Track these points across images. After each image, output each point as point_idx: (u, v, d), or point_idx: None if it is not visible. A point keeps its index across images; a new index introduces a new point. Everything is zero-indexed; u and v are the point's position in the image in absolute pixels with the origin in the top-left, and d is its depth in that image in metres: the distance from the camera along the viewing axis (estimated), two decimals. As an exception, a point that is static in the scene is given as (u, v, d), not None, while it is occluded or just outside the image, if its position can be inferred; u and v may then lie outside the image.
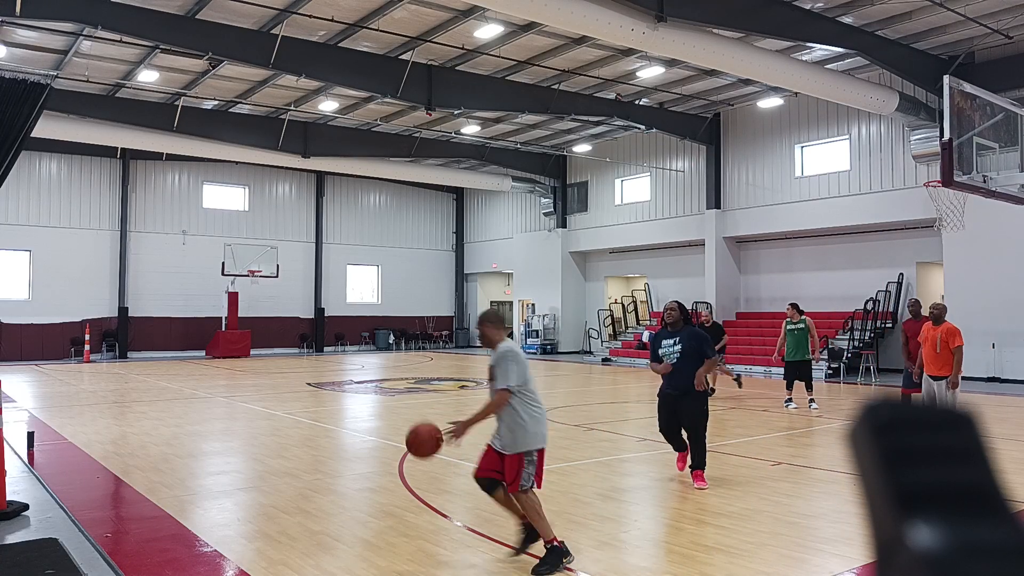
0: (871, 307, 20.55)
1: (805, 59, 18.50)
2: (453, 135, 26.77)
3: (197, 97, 22.73)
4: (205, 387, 17.56)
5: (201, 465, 8.86)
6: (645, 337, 22.96)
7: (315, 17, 16.95)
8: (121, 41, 18.12)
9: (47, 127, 19.81)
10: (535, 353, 29.45)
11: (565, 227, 30.40)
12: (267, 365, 24.49)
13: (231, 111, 24.58)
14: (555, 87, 21.57)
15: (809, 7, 16.08)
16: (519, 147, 29.02)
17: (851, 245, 22.14)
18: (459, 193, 36.01)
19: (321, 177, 32.25)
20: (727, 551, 5.43)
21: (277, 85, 21.82)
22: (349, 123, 26.03)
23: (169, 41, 16.80)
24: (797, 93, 20.24)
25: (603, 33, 14.14)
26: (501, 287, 35.98)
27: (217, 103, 23.73)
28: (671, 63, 19.55)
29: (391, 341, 33.00)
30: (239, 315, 28.54)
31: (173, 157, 28.10)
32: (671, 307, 7.48)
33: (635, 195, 28.10)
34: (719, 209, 24.54)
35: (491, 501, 5.28)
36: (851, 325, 20.65)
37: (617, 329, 29.05)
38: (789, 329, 13.14)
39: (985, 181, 10.20)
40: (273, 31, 17.40)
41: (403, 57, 19.28)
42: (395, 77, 19.10)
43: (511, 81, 21.13)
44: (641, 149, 27.58)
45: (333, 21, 17.23)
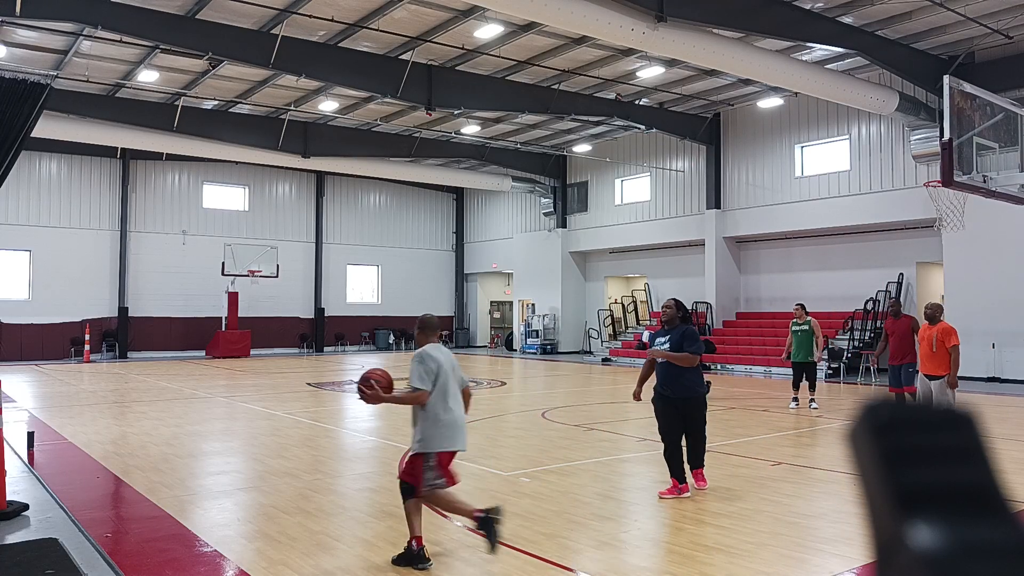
0: (871, 307, 20.55)
1: (805, 59, 18.50)
2: (453, 135, 26.77)
3: (197, 97, 22.73)
4: (205, 387, 17.56)
5: (201, 465, 8.86)
6: (645, 337, 22.94)
7: (315, 17, 16.96)
8: (121, 41, 18.13)
9: (47, 127, 19.81)
10: (535, 353, 29.47)
11: (565, 227, 30.40)
12: (267, 365, 24.49)
13: (231, 111, 24.58)
14: (555, 87, 21.57)
15: (809, 7, 16.08)
16: (519, 147, 29.02)
17: (851, 245, 22.14)
18: (459, 193, 36.02)
19: (321, 177, 32.25)
20: (727, 551, 5.43)
21: (277, 85, 21.82)
22: (349, 123, 26.03)
23: (169, 41, 16.80)
24: (797, 93, 20.24)
25: (603, 33, 14.14)
26: (501, 287, 35.98)
27: (217, 103, 23.74)
28: (671, 63, 19.55)
29: (391, 341, 33.00)
30: (239, 315, 28.55)
31: (173, 157, 28.11)
32: (667, 304, 7.34)
33: (635, 195, 28.10)
34: (719, 209, 24.54)
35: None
36: (851, 325, 20.67)
37: (617, 329, 29.06)
38: (794, 331, 13.12)
39: (985, 181, 10.20)
40: (273, 31, 17.40)
41: (403, 57, 19.28)
42: (395, 77, 19.11)
43: (511, 81, 21.13)
44: (641, 149, 27.58)
45: (333, 21, 17.23)
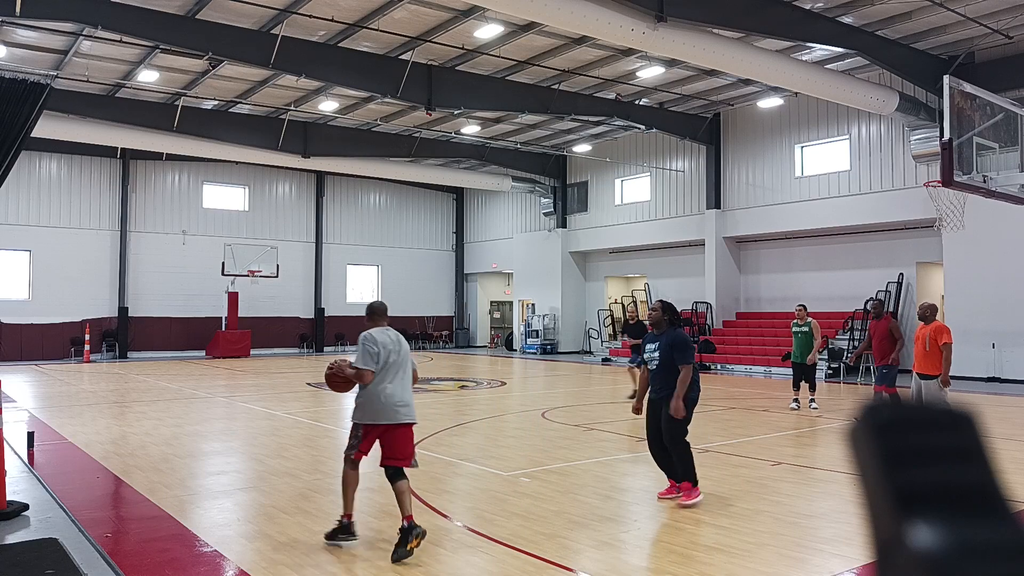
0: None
1: (805, 59, 18.51)
2: (453, 135, 26.77)
3: (197, 97, 22.73)
4: (205, 387, 17.56)
5: (201, 465, 8.87)
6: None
7: (315, 17, 16.96)
8: (121, 41, 18.13)
9: (47, 127, 19.81)
10: (535, 353, 29.47)
11: (565, 227, 30.40)
12: (267, 365, 24.49)
13: (231, 111, 24.58)
14: (555, 87, 21.57)
15: (809, 7, 16.08)
16: (519, 147, 29.02)
17: (851, 245, 22.14)
18: (459, 193, 36.01)
19: (321, 177, 32.25)
20: (727, 551, 5.43)
21: (277, 85, 21.83)
22: (349, 123, 26.03)
23: (169, 41, 16.81)
24: (797, 93, 20.24)
25: (603, 33, 14.14)
26: (501, 287, 35.98)
27: (217, 103, 23.74)
28: (671, 63, 19.55)
29: (391, 341, 32.94)
30: (239, 315, 28.55)
31: (173, 157, 28.12)
32: (653, 307, 7.00)
33: (635, 195, 28.10)
34: (719, 209, 24.54)
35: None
36: (851, 325, 20.66)
37: (617, 329, 29.05)
38: (795, 332, 13.19)
39: (985, 181, 10.20)
40: (273, 31, 17.40)
41: (403, 57, 19.28)
42: (395, 77, 19.11)
43: (511, 81, 21.13)
44: (641, 149, 27.58)
45: (333, 21, 17.23)
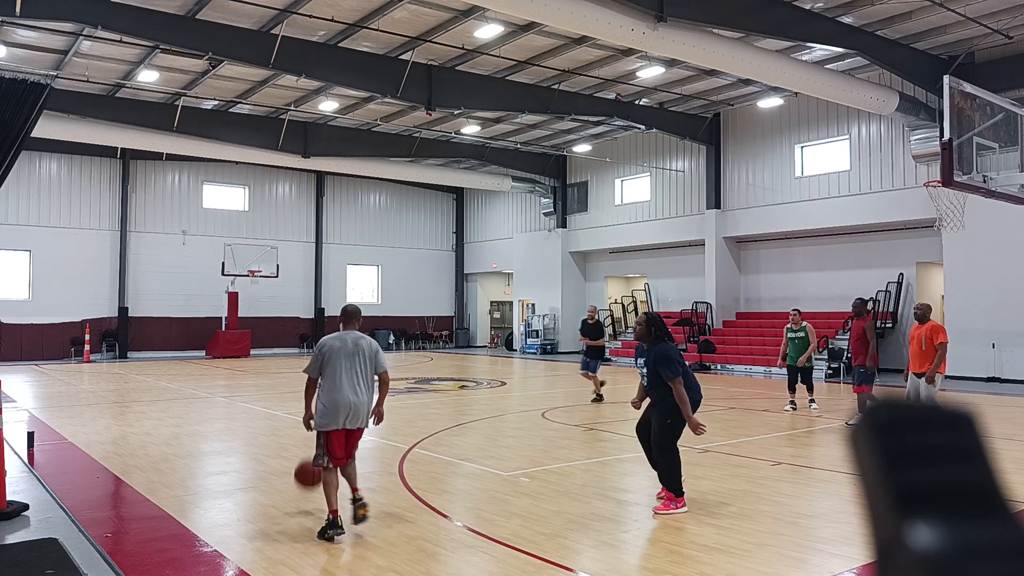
0: (871, 307, 20.52)
1: (805, 59, 18.50)
2: (453, 135, 26.77)
3: (197, 97, 22.73)
4: (205, 387, 17.56)
5: (201, 465, 8.87)
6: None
7: (315, 17, 16.96)
8: (121, 41, 18.13)
9: (47, 127, 19.81)
10: (535, 353, 29.47)
11: (565, 227, 30.40)
12: (267, 365, 24.49)
13: (231, 111, 24.58)
14: (555, 87, 21.57)
15: (809, 7, 16.08)
16: (519, 147, 29.02)
17: (851, 245, 22.14)
18: (459, 193, 36.01)
19: (321, 177, 32.25)
20: (727, 551, 5.43)
21: (277, 85, 21.82)
22: (349, 123, 26.03)
23: (169, 41, 16.80)
24: (797, 93, 20.24)
25: (603, 33, 14.14)
26: (501, 287, 35.98)
27: (217, 103, 23.74)
28: (671, 63, 19.55)
29: (391, 341, 32.98)
30: (239, 315, 28.54)
31: (173, 157, 28.11)
32: (638, 321, 6.72)
33: (635, 195, 28.10)
34: (719, 209, 24.54)
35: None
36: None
37: (617, 329, 29.04)
38: (790, 337, 13.24)
39: (985, 181, 10.20)
40: (273, 31, 17.40)
41: (403, 57, 19.28)
42: (395, 77, 19.11)
43: (511, 81, 21.13)
44: (641, 149, 27.58)
45: (333, 21, 17.23)
